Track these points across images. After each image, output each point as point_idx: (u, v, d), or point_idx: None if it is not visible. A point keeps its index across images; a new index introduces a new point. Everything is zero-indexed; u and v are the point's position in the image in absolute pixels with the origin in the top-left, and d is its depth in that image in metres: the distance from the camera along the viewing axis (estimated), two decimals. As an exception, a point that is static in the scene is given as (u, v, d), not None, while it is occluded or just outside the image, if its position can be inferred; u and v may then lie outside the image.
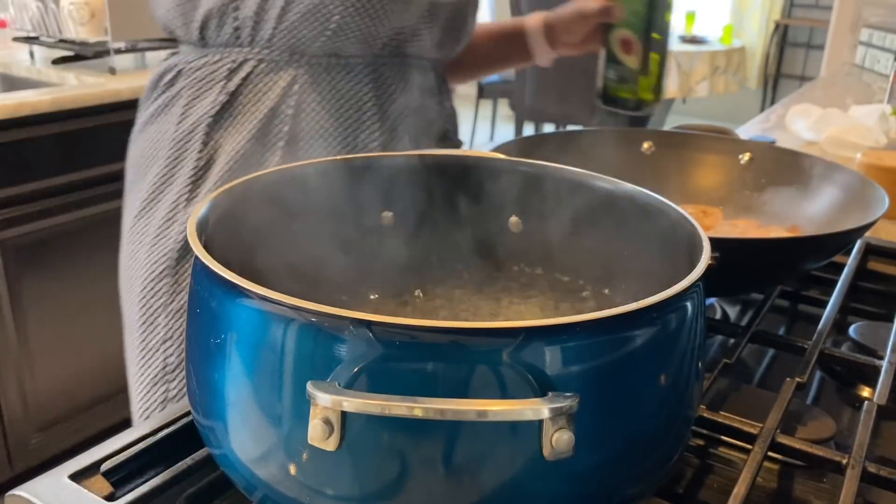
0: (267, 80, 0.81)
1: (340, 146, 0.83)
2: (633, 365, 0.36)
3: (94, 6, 1.94)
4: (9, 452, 1.81)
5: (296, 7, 0.78)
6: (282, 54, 0.81)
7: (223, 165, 0.81)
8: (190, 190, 0.81)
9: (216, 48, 0.83)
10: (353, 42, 0.81)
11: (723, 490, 0.50)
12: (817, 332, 0.63)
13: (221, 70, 0.82)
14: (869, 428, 0.50)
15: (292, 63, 0.81)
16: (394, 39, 0.84)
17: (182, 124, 0.83)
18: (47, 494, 0.43)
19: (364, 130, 0.84)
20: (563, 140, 0.86)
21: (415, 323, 0.32)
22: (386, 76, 0.85)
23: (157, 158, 0.84)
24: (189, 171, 0.82)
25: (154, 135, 0.85)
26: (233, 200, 0.47)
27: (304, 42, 0.80)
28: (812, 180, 0.77)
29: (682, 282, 0.37)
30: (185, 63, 0.85)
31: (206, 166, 0.81)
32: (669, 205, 0.48)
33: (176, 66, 0.86)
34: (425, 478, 0.34)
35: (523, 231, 0.58)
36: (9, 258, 1.71)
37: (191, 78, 0.83)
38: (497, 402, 0.32)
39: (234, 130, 0.81)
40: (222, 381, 0.37)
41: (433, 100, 0.92)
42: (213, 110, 0.81)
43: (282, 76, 0.81)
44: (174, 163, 0.83)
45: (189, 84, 0.83)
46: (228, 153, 0.81)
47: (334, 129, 0.83)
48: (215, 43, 0.83)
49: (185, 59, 0.85)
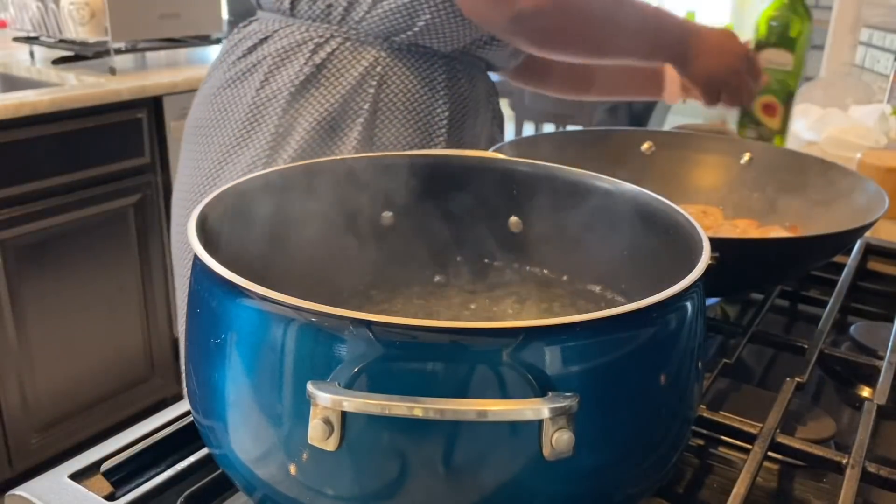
0: (351, 58, 0.84)
1: (413, 130, 0.86)
2: (633, 365, 0.36)
3: (94, 6, 1.94)
4: (9, 452, 1.81)
5: (387, 2, 0.81)
6: (367, 36, 0.84)
7: (304, 134, 0.83)
8: (268, 155, 0.83)
9: (304, 20, 0.85)
10: (437, 40, 0.84)
11: (723, 490, 0.50)
12: (817, 332, 0.63)
13: (309, 43, 0.84)
14: (869, 428, 0.50)
15: (376, 45, 0.84)
16: (474, 43, 0.87)
17: (263, 90, 0.85)
18: (47, 494, 0.43)
19: (435, 118, 0.87)
20: (563, 140, 0.86)
21: (415, 323, 0.32)
22: (458, 70, 0.89)
23: (230, 122, 0.86)
24: (268, 137, 0.84)
25: (229, 99, 0.87)
26: (233, 200, 0.47)
27: (391, 31, 0.83)
28: (812, 180, 0.77)
29: (682, 282, 0.37)
30: (270, 31, 0.86)
31: (285, 133, 0.84)
32: (669, 205, 0.48)
33: (257, 32, 0.87)
34: (425, 478, 0.34)
35: (523, 231, 0.58)
36: (9, 258, 1.71)
37: (276, 46, 0.85)
38: (497, 402, 0.32)
39: (316, 102, 0.84)
40: (222, 381, 0.37)
41: (490, 100, 0.96)
42: (298, 80, 0.83)
43: (365, 56, 0.84)
44: (250, 126, 0.85)
45: (274, 52, 0.85)
46: (309, 122, 0.83)
47: (409, 112, 0.86)
48: (305, 16, 0.85)
49: (268, 27, 0.87)
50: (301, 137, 0.83)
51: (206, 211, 0.44)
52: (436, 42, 0.84)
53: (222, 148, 0.86)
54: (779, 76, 1.06)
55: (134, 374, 2.05)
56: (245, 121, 0.85)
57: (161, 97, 1.94)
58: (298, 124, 0.83)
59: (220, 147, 0.86)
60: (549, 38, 0.82)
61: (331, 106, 0.83)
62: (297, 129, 0.83)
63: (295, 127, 0.83)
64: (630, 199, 0.52)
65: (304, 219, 0.53)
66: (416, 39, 0.84)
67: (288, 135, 0.84)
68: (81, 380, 1.93)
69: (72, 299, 1.85)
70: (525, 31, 0.81)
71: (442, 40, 0.84)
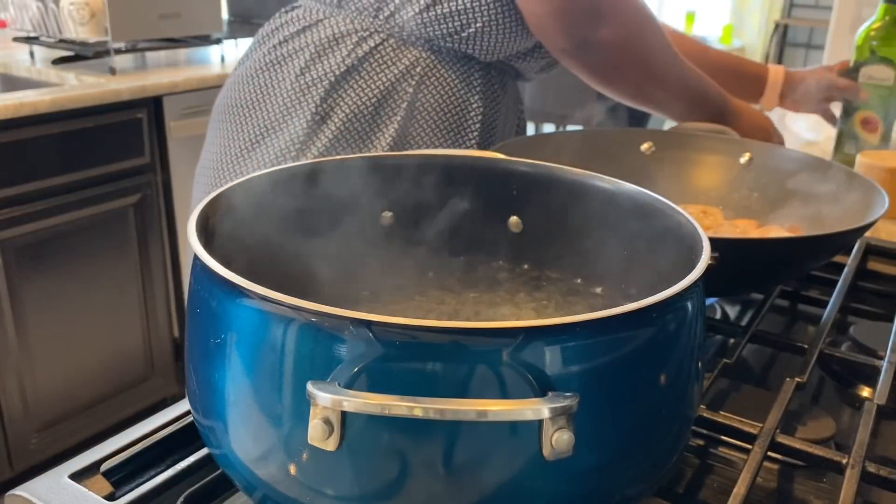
0: (393, 55, 0.84)
1: (446, 132, 0.87)
2: (633, 365, 0.36)
3: (94, 6, 1.94)
4: (9, 452, 1.81)
5: (440, 7, 0.81)
6: (410, 36, 0.84)
7: (339, 125, 0.83)
8: (302, 142, 0.84)
9: (351, 13, 0.85)
10: (480, 48, 0.84)
11: (723, 490, 0.50)
12: (817, 332, 0.63)
13: (353, 35, 0.84)
14: (869, 428, 0.50)
15: (419, 45, 0.84)
16: (513, 54, 0.88)
17: (303, 76, 0.85)
18: (47, 494, 0.43)
19: (469, 122, 0.88)
20: (563, 140, 0.86)
21: (415, 323, 0.32)
22: (493, 76, 0.89)
23: (267, 105, 0.86)
24: (304, 123, 0.84)
25: (266, 81, 0.87)
26: (233, 200, 0.47)
27: (436, 36, 0.83)
28: (812, 180, 0.77)
29: (682, 282, 0.37)
30: (315, 19, 0.86)
31: (322, 121, 0.84)
32: (669, 205, 0.48)
33: (301, 19, 0.87)
34: (425, 478, 0.34)
35: (523, 231, 0.58)
36: (9, 258, 1.71)
37: (321, 35, 0.85)
38: (497, 402, 0.32)
39: (354, 94, 0.84)
40: (222, 381, 0.37)
41: (517, 107, 0.98)
42: (339, 70, 0.83)
43: (407, 55, 0.84)
44: (288, 111, 0.85)
45: (317, 41, 0.85)
46: (346, 113, 0.83)
47: (445, 114, 0.86)
48: (352, 8, 0.85)
49: (314, 15, 0.87)
50: (336, 128, 0.83)
51: (207, 211, 0.44)
52: (479, 50, 0.85)
53: (256, 129, 0.86)
54: (879, 92, 1.10)
55: (134, 374, 2.05)
56: (283, 105, 0.85)
57: (161, 97, 1.95)
58: (335, 114, 0.84)
59: (254, 129, 0.86)
60: (604, 71, 0.85)
61: (368, 100, 0.84)
62: (332, 120, 0.84)
63: (331, 116, 0.84)
64: (630, 199, 0.52)
65: (304, 218, 0.53)
66: (461, 46, 0.84)
67: (323, 124, 0.84)
68: (81, 380, 1.93)
69: (72, 299, 1.85)
70: (585, 59, 0.82)
71: (486, 49, 0.85)
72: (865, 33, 1.12)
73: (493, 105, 0.90)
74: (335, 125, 0.83)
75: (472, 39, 0.83)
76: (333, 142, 0.84)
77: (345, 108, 0.84)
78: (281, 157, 0.84)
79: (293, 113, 0.85)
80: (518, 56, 0.89)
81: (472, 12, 0.81)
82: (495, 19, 0.82)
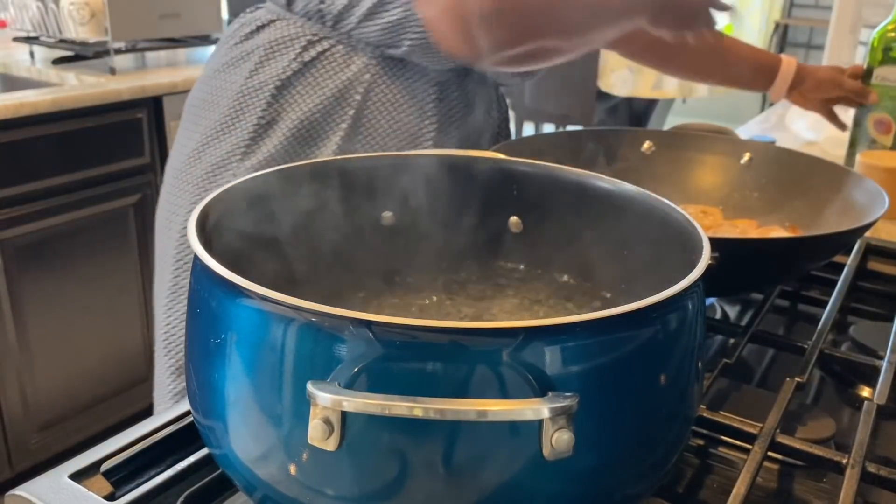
0: (341, 62, 0.82)
1: (396, 145, 0.84)
2: (633, 365, 0.36)
3: (94, 6, 1.94)
4: (9, 452, 1.81)
5: (379, 19, 0.79)
6: (359, 43, 0.82)
7: (286, 132, 0.82)
8: (247, 146, 0.82)
9: (300, 17, 0.84)
10: (427, 59, 0.82)
11: (723, 490, 0.50)
12: (817, 332, 0.63)
13: (301, 39, 0.83)
14: (869, 428, 0.50)
15: (367, 53, 0.82)
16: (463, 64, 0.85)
17: (251, 79, 0.83)
18: (47, 494, 0.43)
19: (421, 136, 0.85)
20: (563, 140, 0.86)
21: (415, 323, 0.32)
22: (450, 83, 0.87)
23: (218, 106, 0.85)
24: (249, 127, 0.82)
25: (221, 83, 0.86)
26: (233, 200, 0.47)
27: (381, 45, 0.81)
28: (812, 180, 0.77)
29: (682, 282, 0.37)
30: (267, 20, 0.85)
31: (267, 126, 0.82)
32: (669, 205, 0.48)
33: (258, 20, 0.86)
34: (425, 478, 0.34)
35: (523, 231, 0.58)
36: (9, 258, 1.71)
37: (270, 37, 0.84)
38: (497, 402, 0.32)
39: (301, 100, 0.82)
40: (222, 381, 0.37)
41: (494, 112, 0.94)
42: (285, 75, 0.82)
43: (355, 61, 0.82)
44: (235, 114, 0.84)
45: (266, 43, 0.84)
46: (292, 120, 0.82)
47: (393, 125, 0.84)
48: (300, 11, 0.84)
49: (268, 16, 0.86)
50: (282, 135, 0.82)
51: (207, 211, 0.44)
52: (426, 61, 0.82)
53: (207, 131, 0.85)
54: (892, 93, 1.10)
55: (134, 374, 2.05)
56: (230, 108, 0.84)
57: (161, 97, 1.95)
58: (281, 120, 0.82)
59: (206, 129, 0.85)
60: (522, 39, 0.75)
61: (315, 107, 0.82)
62: (278, 126, 0.82)
63: (277, 123, 0.82)
64: (630, 199, 0.52)
65: (304, 218, 0.53)
66: (407, 56, 0.82)
67: (269, 129, 0.82)
68: (81, 380, 1.93)
69: (72, 299, 1.85)
70: (494, 45, 0.74)
71: (432, 60, 0.82)
72: (880, 34, 1.12)
73: (449, 120, 0.87)
74: (280, 133, 0.82)
75: (414, 52, 0.80)
76: (278, 150, 0.81)
77: (291, 116, 0.82)
78: (224, 162, 0.82)
79: (239, 117, 0.83)
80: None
81: (409, 24, 0.78)
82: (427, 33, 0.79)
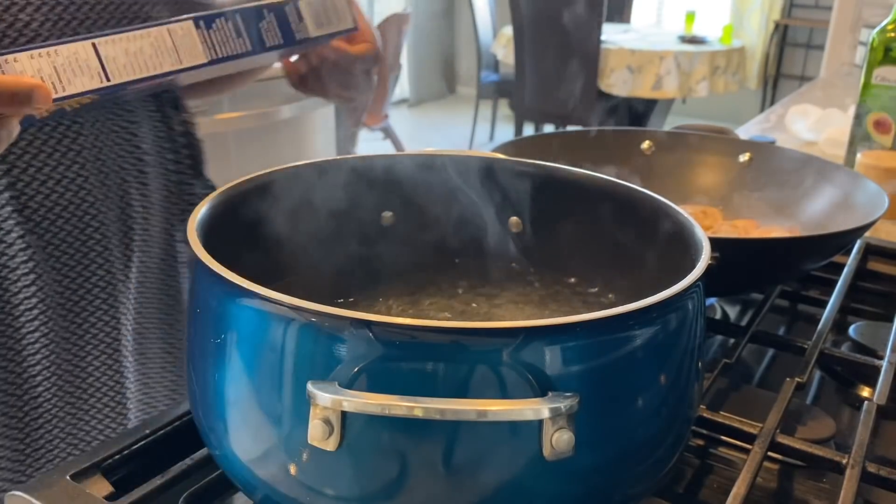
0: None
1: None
2: (633, 365, 0.36)
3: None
4: (9, 452, 1.81)
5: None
6: None
7: None
8: None
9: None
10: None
11: (723, 490, 0.50)
12: (817, 332, 0.63)
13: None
14: (869, 428, 0.50)
15: None
16: None
17: None
18: (47, 494, 0.43)
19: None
20: (563, 140, 0.86)
21: (415, 323, 0.32)
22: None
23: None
24: None
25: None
26: (233, 200, 0.47)
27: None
28: (812, 180, 0.77)
29: (682, 282, 0.37)
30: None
31: None
32: (669, 205, 0.48)
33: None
34: (425, 478, 0.34)
35: (523, 231, 0.58)
36: None
37: None
38: (497, 402, 0.32)
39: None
40: (222, 381, 0.37)
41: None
42: None
43: None
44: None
45: None
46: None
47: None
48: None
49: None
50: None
51: (206, 211, 0.44)
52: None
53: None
54: (892, 93, 1.10)
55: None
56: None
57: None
58: None
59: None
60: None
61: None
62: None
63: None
64: (630, 199, 0.52)
65: (304, 218, 0.53)
66: None
67: None
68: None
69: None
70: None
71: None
72: (880, 34, 1.11)
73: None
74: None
75: None
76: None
77: None
78: None
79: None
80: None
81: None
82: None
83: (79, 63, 0.47)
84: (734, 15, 5.02)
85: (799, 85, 4.72)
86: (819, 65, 2.49)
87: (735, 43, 3.81)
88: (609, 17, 3.97)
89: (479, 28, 4.22)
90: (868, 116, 1.13)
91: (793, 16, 5.02)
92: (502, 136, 4.83)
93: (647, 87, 3.40)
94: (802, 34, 5.04)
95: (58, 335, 0.63)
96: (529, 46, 3.37)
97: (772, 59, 5.07)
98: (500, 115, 4.78)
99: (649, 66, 3.38)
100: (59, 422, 0.64)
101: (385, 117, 3.77)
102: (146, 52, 0.50)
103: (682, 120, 1.55)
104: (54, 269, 0.61)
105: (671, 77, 3.40)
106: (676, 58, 3.40)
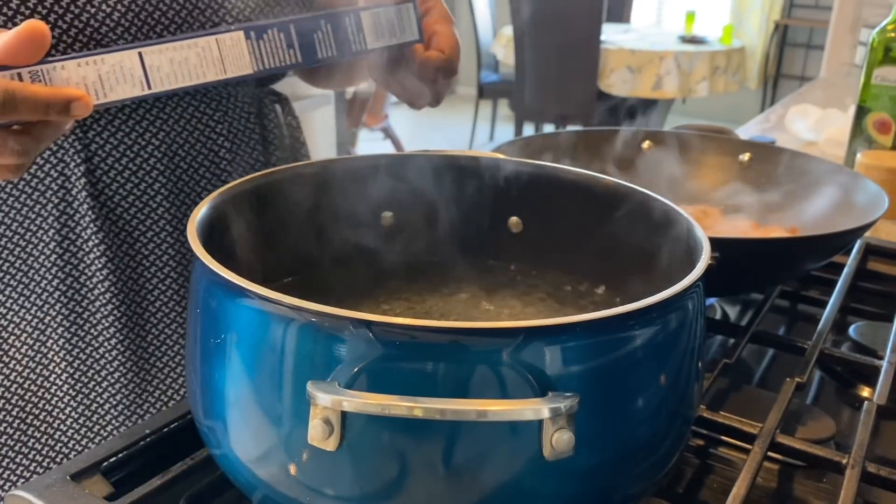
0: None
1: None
2: (633, 365, 0.36)
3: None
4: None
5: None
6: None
7: None
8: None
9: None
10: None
11: (723, 490, 0.50)
12: (817, 332, 0.63)
13: None
14: (869, 428, 0.50)
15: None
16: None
17: None
18: (47, 494, 0.43)
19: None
20: (563, 140, 0.86)
21: (415, 323, 0.32)
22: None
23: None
24: None
25: None
26: (232, 200, 0.47)
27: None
28: (812, 180, 0.77)
29: (682, 282, 0.37)
30: None
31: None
32: (670, 205, 0.48)
33: None
34: (425, 478, 0.34)
35: (523, 231, 0.58)
36: None
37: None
38: (497, 402, 0.32)
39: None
40: (222, 381, 0.37)
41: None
42: None
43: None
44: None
45: None
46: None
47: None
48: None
49: None
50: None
51: (206, 211, 0.44)
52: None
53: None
54: (892, 93, 1.10)
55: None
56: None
57: (161, 97, 1.94)
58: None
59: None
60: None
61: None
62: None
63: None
64: (630, 199, 0.52)
65: (304, 218, 0.53)
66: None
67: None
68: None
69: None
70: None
71: None
72: (880, 34, 1.11)
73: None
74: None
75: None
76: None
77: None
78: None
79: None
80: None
81: None
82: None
83: (123, 72, 0.48)
84: (734, 15, 5.02)
85: (799, 85, 4.72)
86: (819, 65, 2.49)
87: (735, 43, 3.81)
88: (609, 17, 3.98)
89: (478, 28, 4.22)
90: (868, 116, 1.13)
91: (793, 16, 5.02)
92: (502, 136, 4.83)
93: (647, 87, 3.40)
94: (802, 34, 5.04)
95: (130, 320, 0.64)
96: (529, 46, 3.36)
97: (772, 59, 5.07)
98: (500, 115, 4.78)
99: (649, 66, 3.38)
100: (124, 408, 0.65)
101: (385, 117, 3.77)
102: (191, 62, 0.50)
103: (682, 120, 1.55)
104: (127, 255, 0.63)
105: (671, 77, 3.39)
106: (676, 58, 3.40)
